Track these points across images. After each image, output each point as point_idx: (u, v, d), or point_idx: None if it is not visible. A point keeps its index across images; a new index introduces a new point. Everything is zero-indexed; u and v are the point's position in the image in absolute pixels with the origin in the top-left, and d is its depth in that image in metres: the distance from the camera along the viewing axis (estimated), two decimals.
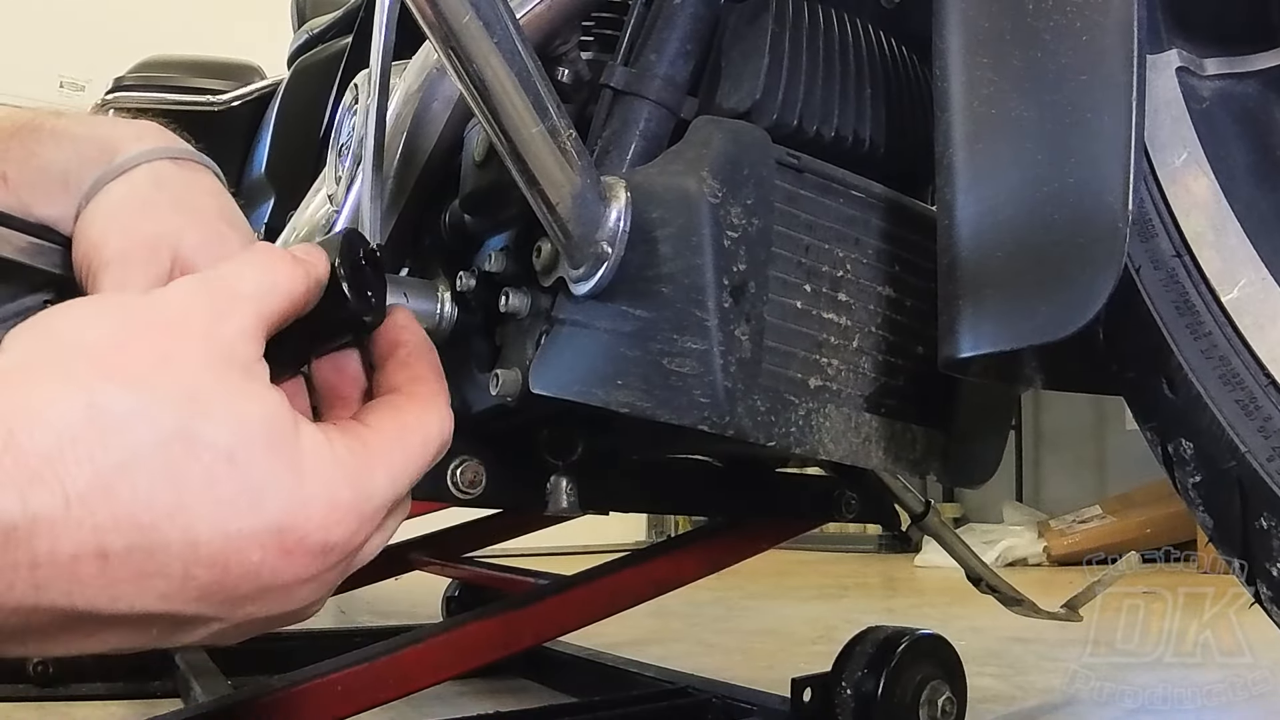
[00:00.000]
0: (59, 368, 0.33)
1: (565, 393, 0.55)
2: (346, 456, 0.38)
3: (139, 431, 0.33)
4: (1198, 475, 0.51)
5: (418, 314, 0.64)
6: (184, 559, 0.33)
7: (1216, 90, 0.53)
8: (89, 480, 0.31)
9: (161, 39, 2.02)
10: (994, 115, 0.51)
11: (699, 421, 0.55)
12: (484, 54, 0.49)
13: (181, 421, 0.33)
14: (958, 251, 0.51)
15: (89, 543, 0.32)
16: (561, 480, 0.70)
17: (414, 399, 0.44)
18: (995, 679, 1.41)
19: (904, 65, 0.71)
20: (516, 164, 0.53)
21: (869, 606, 2.39)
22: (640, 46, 0.64)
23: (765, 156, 0.59)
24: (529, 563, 1.62)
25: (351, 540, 0.38)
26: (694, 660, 1.56)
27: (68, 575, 0.32)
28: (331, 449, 0.37)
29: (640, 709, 1.08)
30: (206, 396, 0.34)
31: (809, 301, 0.61)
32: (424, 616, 1.81)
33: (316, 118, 1.14)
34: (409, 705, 1.11)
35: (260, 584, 0.35)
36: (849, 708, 0.95)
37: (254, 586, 0.35)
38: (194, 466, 0.33)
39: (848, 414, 0.62)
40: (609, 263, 0.55)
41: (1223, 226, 0.50)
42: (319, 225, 0.85)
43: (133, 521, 0.32)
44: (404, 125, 0.67)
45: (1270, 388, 0.48)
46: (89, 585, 0.32)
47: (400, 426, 0.42)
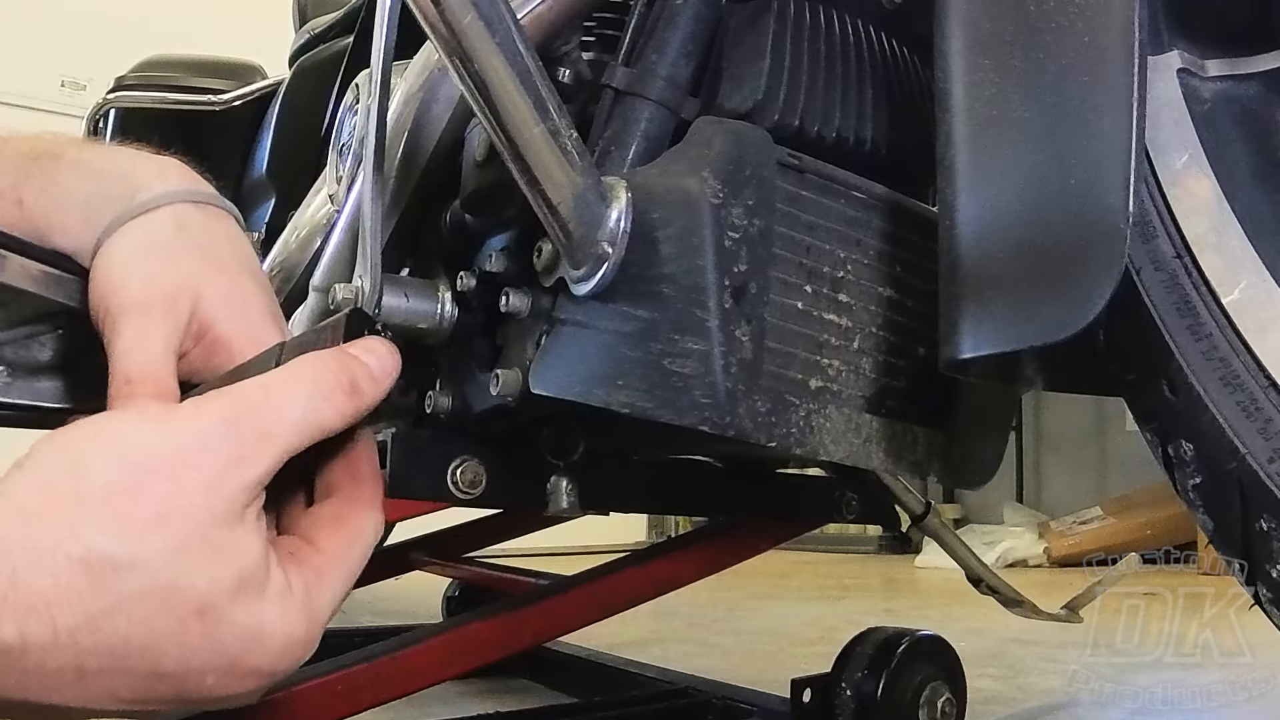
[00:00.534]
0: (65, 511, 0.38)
1: (566, 393, 0.55)
2: (302, 594, 0.42)
3: (125, 583, 0.38)
4: (1198, 477, 0.51)
5: (418, 314, 0.65)
6: (148, 679, 0.39)
7: (1218, 92, 0.53)
8: (77, 619, 0.37)
9: (162, 39, 2.02)
10: (995, 116, 0.51)
11: (699, 422, 0.55)
12: (485, 54, 0.49)
13: (163, 578, 0.38)
14: (959, 252, 0.51)
15: (70, 663, 0.37)
16: (562, 480, 0.70)
17: (355, 505, 0.47)
18: (995, 680, 1.41)
19: (905, 66, 0.71)
20: (517, 164, 0.52)
21: (869, 607, 2.39)
22: (642, 47, 0.64)
23: (767, 157, 0.59)
24: (529, 563, 1.62)
25: (298, 661, 0.43)
26: (694, 660, 1.56)
27: (50, 683, 0.38)
28: (291, 591, 0.42)
29: (640, 709, 1.08)
30: (192, 553, 0.39)
31: (810, 302, 0.61)
32: (424, 616, 1.81)
33: (318, 117, 1.14)
34: (409, 705, 1.11)
35: (213, 697, 0.41)
36: (849, 709, 0.95)
37: (207, 697, 0.41)
38: (168, 616, 0.38)
39: (848, 415, 0.62)
40: (610, 263, 0.55)
41: (1224, 228, 0.50)
42: (319, 225, 0.85)
43: (110, 652, 0.38)
44: (405, 125, 0.67)
45: (1271, 389, 0.48)
46: (65, 690, 0.38)
47: (345, 542, 0.45)
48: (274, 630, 0.41)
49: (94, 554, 0.37)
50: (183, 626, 0.38)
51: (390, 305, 0.63)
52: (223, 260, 0.50)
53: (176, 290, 0.47)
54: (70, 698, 0.38)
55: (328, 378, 0.43)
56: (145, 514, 0.38)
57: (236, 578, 0.39)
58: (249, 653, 0.40)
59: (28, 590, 0.36)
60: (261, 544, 0.41)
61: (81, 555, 0.37)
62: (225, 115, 1.48)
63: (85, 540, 0.37)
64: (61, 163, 0.51)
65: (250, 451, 0.40)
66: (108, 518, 0.38)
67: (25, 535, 0.37)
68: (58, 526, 0.37)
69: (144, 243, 0.49)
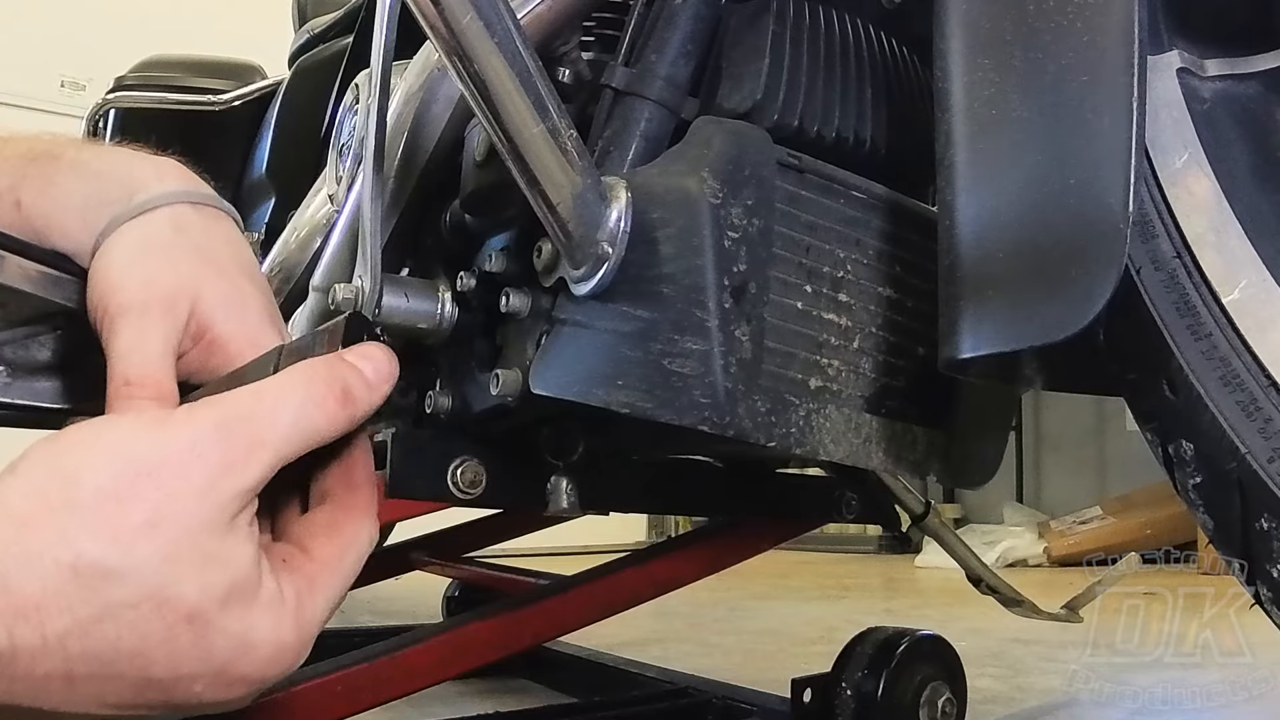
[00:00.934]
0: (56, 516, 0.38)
1: (565, 393, 0.55)
2: (294, 602, 0.42)
3: (114, 591, 0.38)
4: (1198, 476, 0.51)
5: (418, 314, 0.65)
6: (137, 686, 0.39)
7: (1218, 91, 0.53)
8: (66, 626, 0.37)
9: (162, 39, 2.02)
10: (995, 116, 0.51)
11: (699, 422, 0.55)
12: (485, 54, 0.49)
13: (152, 585, 0.38)
14: (958, 252, 0.51)
15: (59, 669, 0.37)
16: (562, 480, 0.70)
17: (350, 512, 0.46)
18: (995, 680, 1.41)
19: (905, 66, 0.71)
20: (517, 164, 0.52)
21: (869, 607, 2.39)
22: (641, 47, 0.64)
23: (766, 157, 0.59)
24: (529, 563, 1.62)
25: (288, 669, 0.43)
26: (694, 660, 1.56)
27: (38, 688, 0.38)
28: (283, 599, 0.42)
29: (640, 709, 1.08)
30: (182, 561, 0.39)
31: (809, 302, 0.61)
32: (424, 616, 1.81)
33: (317, 117, 1.14)
34: (409, 705, 1.11)
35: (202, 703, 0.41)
36: (849, 708, 0.95)
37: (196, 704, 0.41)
38: (157, 623, 0.38)
39: (848, 415, 0.62)
40: (609, 263, 0.55)
41: (1224, 228, 0.50)
42: (319, 225, 0.85)
43: (98, 658, 0.38)
44: (405, 125, 0.67)
45: (1271, 389, 0.48)
46: (54, 695, 0.38)
47: (339, 550, 0.45)
48: (264, 638, 0.41)
49: (84, 560, 0.37)
50: (172, 633, 0.39)
51: (390, 305, 0.63)
52: (221, 261, 0.50)
53: (175, 291, 0.47)
54: (59, 703, 0.38)
55: (320, 385, 0.43)
56: (135, 521, 0.38)
57: (227, 585, 0.39)
58: (238, 660, 0.40)
59: (17, 595, 0.36)
60: (253, 552, 0.41)
61: (71, 561, 0.37)
62: (225, 115, 1.48)
63: (76, 546, 0.37)
64: (60, 163, 0.51)
65: (241, 459, 0.40)
66: (98, 524, 0.38)
67: (16, 541, 0.37)
68: (48, 532, 0.37)
69: (142, 244, 0.48)
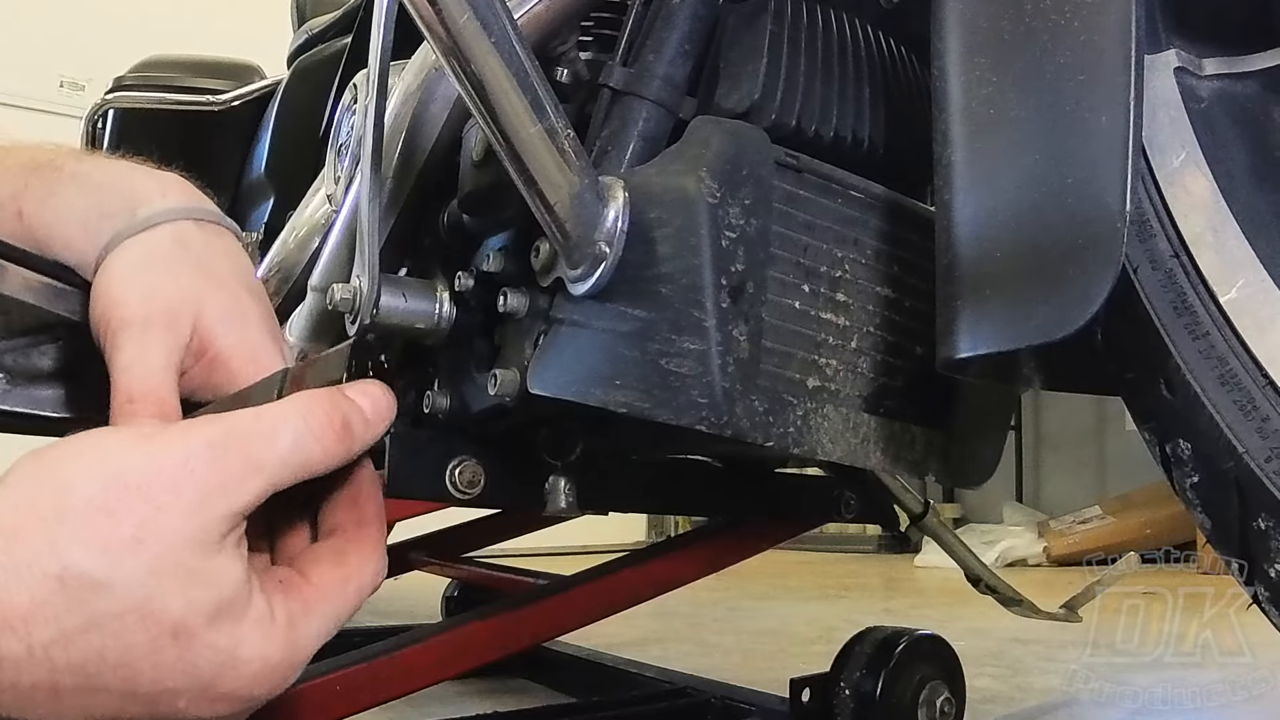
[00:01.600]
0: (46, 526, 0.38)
1: (563, 393, 0.55)
2: (285, 623, 0.42)
3: (100, 603, 0.38)
4: (1196, 476, 0.51)
5: (416, 314, 0.65)
6: (122, 698, 0.39)
7: (1215, 90, 0.53)
8: (52, 636, 0.37)
9: (161, 39, 2.02)
10: (992, 116, 0.51)
11: (697, 422, 0.55)
12: (482, 54, 0.49)
13: (139, 598, 0.38)
14: (956, 252, 0.51)
15: (45, 680, 0.37)
16: (560, 480, 0.70)
17: (359, 545, 0.46)
18: (995, 680, 1.41)
19: (903, 66, 0.71)
20: (514, 164, 0.52)
21: (868, 607, 2.39)
22: (639, 47, 0.64)
23: (764, 157, 0.59)
24: (529, 563, 1.62)
25: (275, 689, 0.43)
26: (693, 660, 1.56)
27: (24, 699, 0.38)
28: (273, 618, 0.42)
29: (640, 709, 1.08)
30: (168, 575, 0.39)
31: (807, 302, 0.60)
32: (424, 616, 1.81)
33: (316, 117, 1.13)
34: (409, 705, 1.11)
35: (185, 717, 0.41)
36: (848, 708, 0.95)
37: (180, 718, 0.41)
38: (142, 636, 0.38)
39: (846, 414, 0.62)
40: (607, 263, 0.55)
41: (1221, 227, 0.50)
42: (318, 225, 0.85)
43: (83, 670, 0.38)
44: (403, 125, 0.67)
45: (1268, 388, 0.48)
46: (40, 706, 0.38)
47: (341, 579, 0.45)
48: (250, 655, 0.41)
49: (70, 571, 0.37)
50: (156, 646, 0.38)
51: (388, 305, 0.62)
52: (222, 277, 0.50)
53: (177, 307, 0.47)
54: (44, 714, 0.38)
55: (320, 416, 0.43)
56: (123, 534, 0.38)
57: (213, 601, 0.39)
58: (223, 677, 0.40)
59: (5, 606, 0.36)
60: (240, 570, 0.41)
61: (58, 572, 0.37)
62: (224, 115, 1.48)
63: (63, 557, 0.37)
64: (61, 174, 0.51)
65: (234, 480, 0.40)
66: (86, 536, 0.38)
67: (4, 551, 0.37)
68: (36, 543, 0.37)
69: (145, 259, 0.49)
